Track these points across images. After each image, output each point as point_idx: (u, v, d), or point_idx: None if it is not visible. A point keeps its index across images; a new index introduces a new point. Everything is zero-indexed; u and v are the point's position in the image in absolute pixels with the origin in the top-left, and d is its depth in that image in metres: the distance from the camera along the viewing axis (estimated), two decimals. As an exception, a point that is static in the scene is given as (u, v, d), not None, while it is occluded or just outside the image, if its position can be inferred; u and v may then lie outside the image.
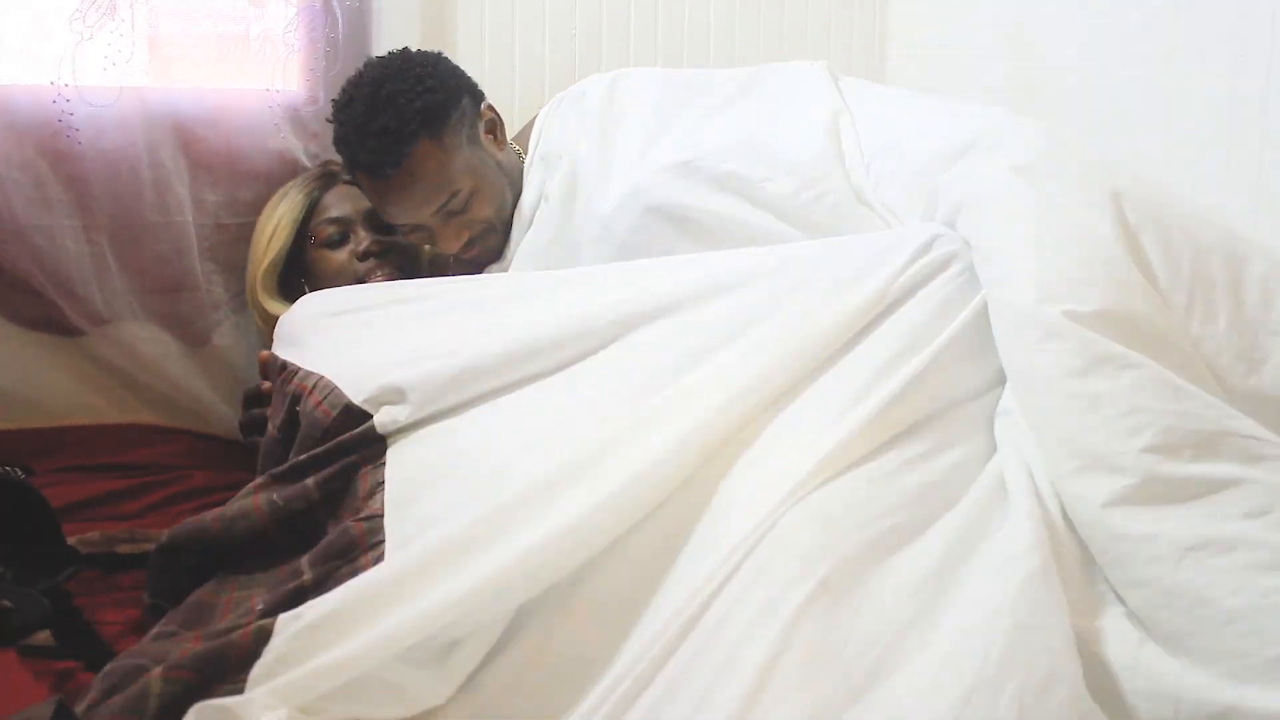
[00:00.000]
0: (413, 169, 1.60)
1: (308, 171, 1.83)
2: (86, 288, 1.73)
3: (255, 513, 1.27)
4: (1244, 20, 1.89)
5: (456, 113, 1.65)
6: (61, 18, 1.64)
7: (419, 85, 1.62)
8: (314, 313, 1.52)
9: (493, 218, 1.71)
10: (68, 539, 1.46)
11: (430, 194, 1.63)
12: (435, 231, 1.68)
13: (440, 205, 1.64)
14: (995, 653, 1.00)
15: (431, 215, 1.65)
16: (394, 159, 1.59)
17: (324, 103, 1.89)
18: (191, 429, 1.85)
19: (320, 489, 1.28)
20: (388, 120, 1.59)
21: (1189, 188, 1.98)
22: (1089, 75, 2.14)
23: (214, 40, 1.83)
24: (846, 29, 2.46)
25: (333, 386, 1.34)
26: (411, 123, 1.59)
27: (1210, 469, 1.11)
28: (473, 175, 1.67)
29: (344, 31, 1.87)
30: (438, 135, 1.62)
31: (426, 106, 1.61)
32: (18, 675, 1.18)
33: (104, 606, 1.37)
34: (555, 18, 2.13)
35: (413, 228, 1.69)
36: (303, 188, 1.77)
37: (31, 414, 1.74)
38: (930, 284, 1.30)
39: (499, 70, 2.08)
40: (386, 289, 1.56)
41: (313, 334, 1.48)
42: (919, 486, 1.16)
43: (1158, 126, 2.03)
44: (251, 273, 1.77)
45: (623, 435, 1.17)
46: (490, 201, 1.69)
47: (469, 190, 1.66)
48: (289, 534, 1.26)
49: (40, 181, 1.68)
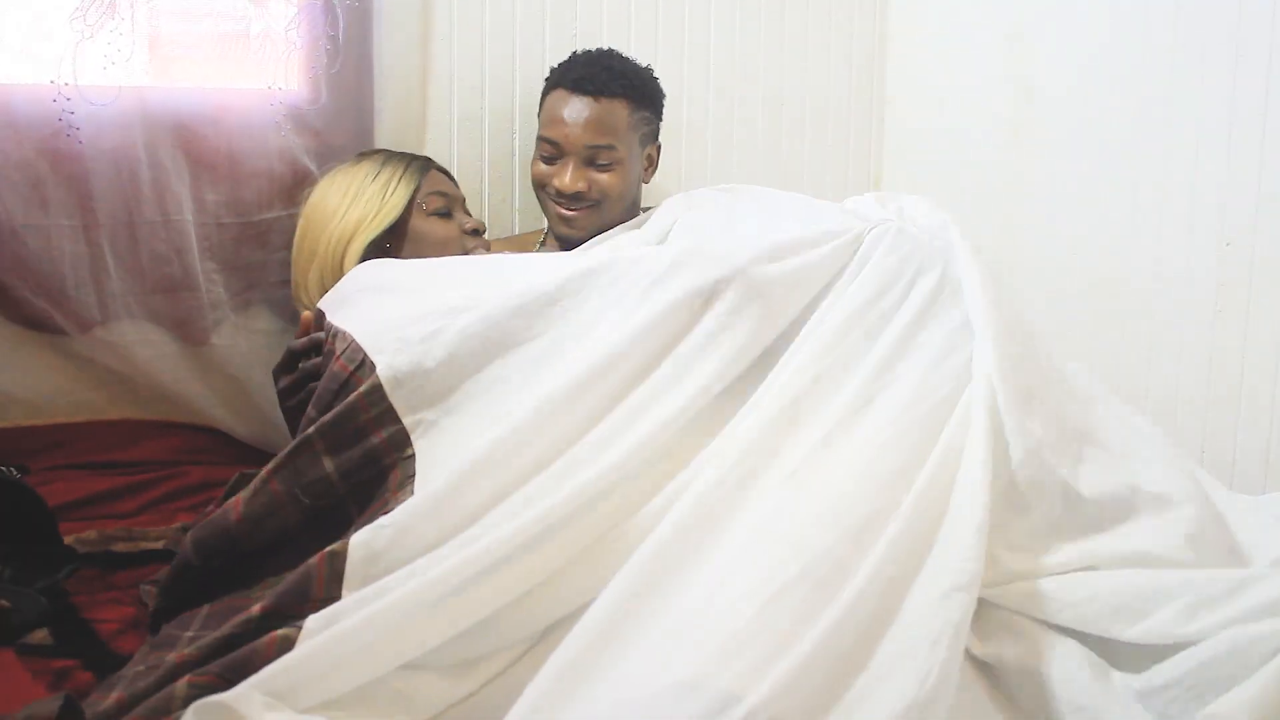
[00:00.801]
0: (605, 105, 1.89)
1: (393, 156, 1.86)
2: (85, 287, 1.73)
3: (281, 511, 1.29)
4: (1244, 20, 1.89)
5: (648, 114, 1.97)
6: (62, 17, 1.64)
7: (646, 71, 1.99)
8: (367, 282, 1.57)
9: (612, 197, 1.91)
10: (65, 538, 1.47)
11: (601, 130, 1.89)
12: (570, 163, 1.89)
13: (597, 145, 1.89)
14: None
15: (585, 145, 1.89)
16: (602, 88, 1.89)
17: (325, 100, 1.89)
18: (188, 424, 1.85)
19: (345, 481, 1.29)
20: (618, 66, 1.94)
21: (1189, 188, 1.99)
22: (1089, 75, 2.14)
23: (215, 39, 1.82)
24: (847, 29, 2.45)
25: (350, 339, 1.38)
26: (629, 83, 1.92)
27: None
28: (628, 156, 1.92)
29: (345, 30, 1.87)
30: (634, 108, 1.93)
31: (643, 85, 1.96)
32: (16, 674, 1.19)
33: (101, 605, 1.37)
34: (555, 17, 2.13)
35: (558, 146, 1.89)
36: (411, 165, 1.85)
37: (28, 412, 1.74)
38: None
39: (499, 69, 2.08)
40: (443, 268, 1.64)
41: (359, 297, 1.52)
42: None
43: (1158, 127, 2.03)
44: (340, 236, 1.77)
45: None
46: (620, 185, 1.92)
47: (619, 159, 1.91)
48: (317, 530, 1.27)
49: (39, 181, 1.68)
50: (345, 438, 1.30)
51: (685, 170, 2.30)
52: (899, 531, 1.15)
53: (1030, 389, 1.35)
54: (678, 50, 2.27)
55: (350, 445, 1.30)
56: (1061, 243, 2.20)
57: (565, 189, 1.89)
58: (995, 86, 2.30)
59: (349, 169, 1.82)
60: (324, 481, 1.29)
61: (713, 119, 2.33)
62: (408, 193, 1.80)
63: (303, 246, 1.80)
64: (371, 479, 1.30)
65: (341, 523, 1.28)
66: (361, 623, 1.08)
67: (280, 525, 1.28)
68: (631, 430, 1.26)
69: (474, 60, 2.06)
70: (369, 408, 1.31)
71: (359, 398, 1.31)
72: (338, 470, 1.29)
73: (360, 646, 1.08)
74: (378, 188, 1.80)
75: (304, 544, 1.24)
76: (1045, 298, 2.19)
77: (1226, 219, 1.95)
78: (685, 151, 2.30)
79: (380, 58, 1.92)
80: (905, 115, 2.50)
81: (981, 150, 2.34)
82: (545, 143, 1.91)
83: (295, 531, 1.28)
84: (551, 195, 1.92)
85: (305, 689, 1.05)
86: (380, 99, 1.94)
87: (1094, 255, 2.15)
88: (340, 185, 1.80)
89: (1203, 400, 1.99)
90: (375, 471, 1.30)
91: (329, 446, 1.30)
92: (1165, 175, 2.02)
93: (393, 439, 1.30)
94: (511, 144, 2.12)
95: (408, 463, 1.28)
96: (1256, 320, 1.92)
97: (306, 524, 1.29)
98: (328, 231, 1.77)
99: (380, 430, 1.30)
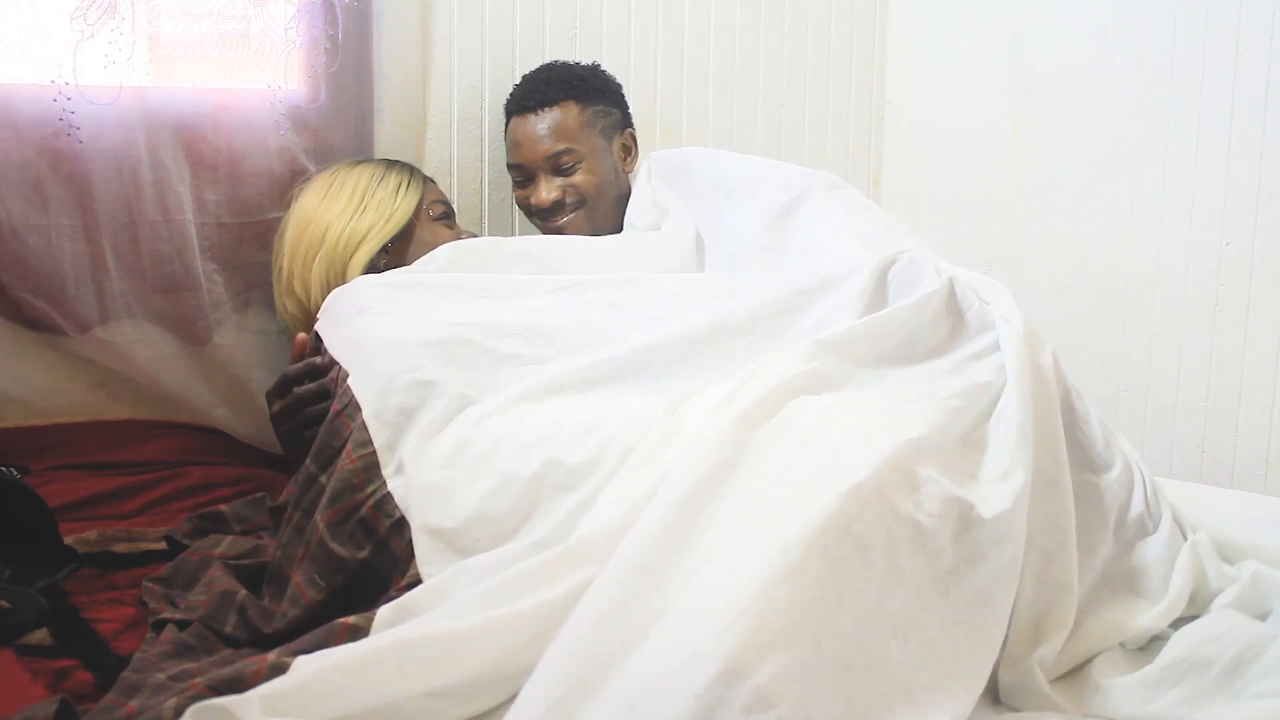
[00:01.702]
0: (550, 114, 1.93)
1: (392, 163, 1.87)
2: (85, 287, 1.73)
3: (305, 601, 1.28)
4: (1244, 20, 1.89)
5: (604, 107, 1.98)
6: (62, 16, 1.64)
7: (587, 69, 2.01)
8: (378, 289, 1.56)
9: (591, 194, 1.93)
10: (65, 538, 1.47)
11: (553, 139, 1.92)
12: (539, 179, 1.93)
13: (555, 153, 1.91)
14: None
15: (544, 158, 1.92)
16: (543, 100, 1.93)
17: (325, 100, 1.89)
18: (188, 424, 1.85)
19: (354, 556, 1.28)
20: (556, 75, 1.97)
21: (1189, 188, 1.99)
22: (1089, 75, 2.14)
23: (215, 39, 1.82)
24: (847, 29, 2.45)
25: (351, 395, 1.37)
26: (569, 85, 1.95)
27: None
28: (590, 152, 1.94)
29: (344, 29, 1.87)
30: (582, 106, 1.95)
31: (584, 79, 1.98)
32: (15, 674, 1.18)
33: (101, 605, 1.37)
34: (555, 17, 2.13)
35: (523, 169, 1.94)
36: (414, 173, 1.87)
37: (28, 413, 1.74)
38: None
39: (499, 69, 2.08)
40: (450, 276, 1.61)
41: (358, 325, 1.51)
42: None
43: (1157, 127, 2.03)
44: (350, 239, 1.76)
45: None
46: (594, 181, 1.94)
47: (580, 158, 1.93)
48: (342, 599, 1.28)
49: (40, 181, 1.68)
50: (352, 531, 1.29)
51: (685, 170, 2.30)
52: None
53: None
54: (678, 50, 2.27)
55: (360, 538, 1.29)
56: (1061, 243, 2.20)
57: (544, 203, 1.92)
58: (995, 86, 2.30)
59: (346, 172, 1.81)
60: (342, 571, 1.28)
61: (713, 119, 2.33)
62: (416, 198, 1.82)
63: (296, 253, 1.77)
64: (387, 561, 1.29)
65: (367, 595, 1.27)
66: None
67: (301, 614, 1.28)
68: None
69: (474, 60, 2.06)
70: (369, 496, 1.30)
71: (360, 490, 1.30)
72: (353, 556, 1.29)
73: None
74: (387, 192, 1.81)
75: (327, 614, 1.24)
76: (1045, 298, 2.19)
77: (1226, 219, 1.95)
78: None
79: (380, 58, 1.92)
80: (905, 115, 2.50)
81: (981, 150, 2.34)
82: (513, 169, 1.97)
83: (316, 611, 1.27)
84: (536, 215, 1.96)
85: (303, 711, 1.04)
86: (380, 99, 1.94)
87: (1094, 255, 2.15)
88: (346, 189, 1.79)
89: (1203, 400, 1.99)
90: (388, 555, 1.28)
91: (336, 538, 1.29)
92: (1165, 175, 2.02)
93: (396, 526, 1.28)
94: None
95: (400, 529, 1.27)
96: (1256, 320, 1.92)
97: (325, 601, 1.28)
98: (333, 234, 1.75)
99: (383, 521, 1.29)
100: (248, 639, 1.26)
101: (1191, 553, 1.26)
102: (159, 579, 1.41)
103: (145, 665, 1.17)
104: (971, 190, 2.36)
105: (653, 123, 2.15)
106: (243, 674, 1.06)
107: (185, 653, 1.21)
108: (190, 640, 1.24)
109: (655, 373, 1.37)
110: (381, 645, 1.07)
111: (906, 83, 2.49)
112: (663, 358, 1.38)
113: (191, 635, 1.25)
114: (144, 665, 1.17)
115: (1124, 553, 1.26)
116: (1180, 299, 2.01)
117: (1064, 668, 1.16)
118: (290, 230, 1.79)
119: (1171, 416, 2.02)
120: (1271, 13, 1.85)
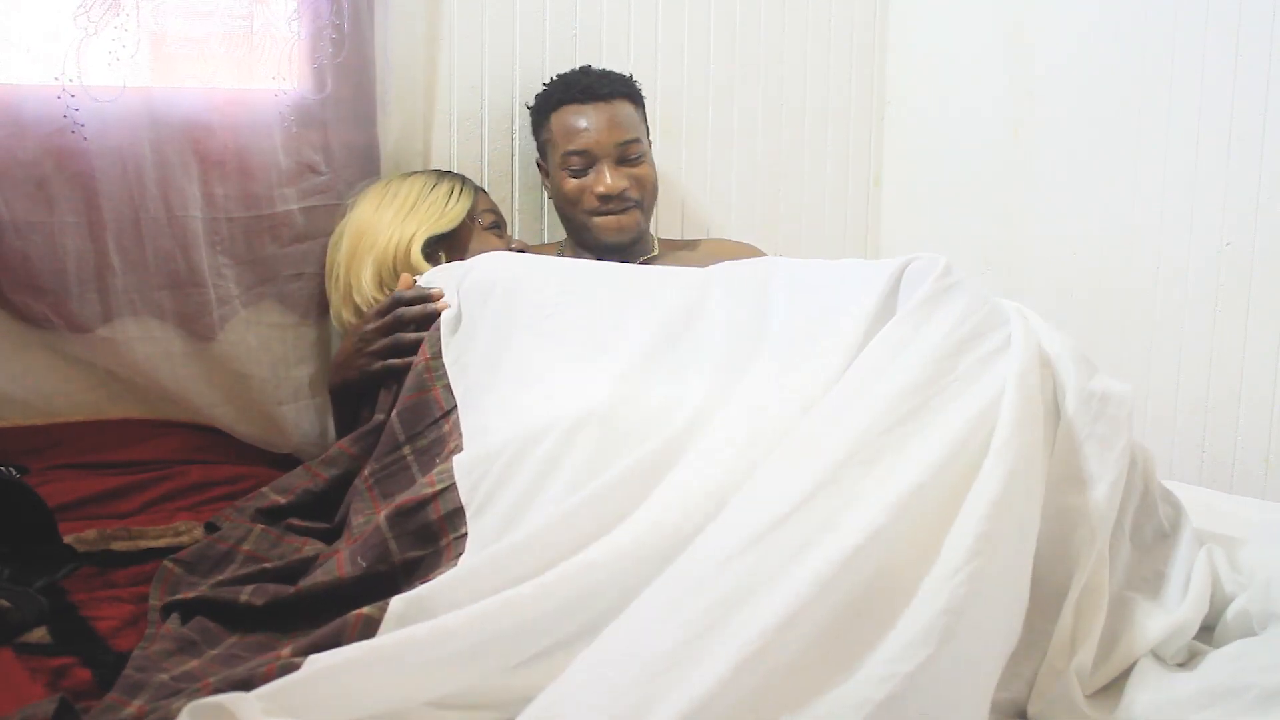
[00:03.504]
0: (615, 105, 1.97)
1: (447, 175, 1.91)
2: (88, 285, 1.72)
3: (339, 572, 1.29)
4: (1244, 20, 1.89)
5: (644, 113, 2.05)
6: (66, 14, 1.64)
7: (631, 78, 2.06)
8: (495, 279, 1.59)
9: (649, 190, 1.99)
10: (64, 538, 1.47)
11: (623, 126, 1.96)
12: (605, 166, 1.93)
13: (626, 140, 1.95)
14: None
15: (615, 144, 1.94)
16: (608, 92, 1.97)
17: (330, 91, 1.89)
18: (188, 423, 1.85)
19: (401, 553, 1.29)
20: (605, 74, 2.02)
21: (1189, 188, 1.99)
22: (1089, 75, 2.14)
23: (219, 34, 1.81)
24: (847, 29, 2.45)
25: (459, 427, 1.43)
26: (625, 85, 2.02)
27: None
28: (649, 149, 2.01)
29: (349, 19, 1.87)
30: (635, 106, 2.02)
31: (633, 86, 2.04)
32: (14, 672, 1.18)
33: (100, 603, 1.37)
34: (555, 17, 2.13)
35: (587, 154, 1.93)
36: (466, 182, 1.92)
37: (27, 412, 1.74)
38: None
39: (499, 69, 2.08)
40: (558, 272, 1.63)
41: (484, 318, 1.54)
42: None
43: (1158, 126, 2.03)
44: (398, 245, 1.79)
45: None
46: (653, 176, 1.99)
47: (644, 151, 1.98)
48: (362, 589, 1.28)
49: (45, 179, 1.67)
50: (415, 532, 1.31)
51: (685, 170, 2.31)
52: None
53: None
54: (678, 50, 2.27)
55: (418, 543, 1.30)
56: (1061, 243, 2.20)
57: (612, 189, 1.92)
58: (995, 86, 2.30)
59: (399, 182, 1.87)
60: (384, 559, 1.29)
61: (713, 119, 2.33)
62: (468, 205, 1.87)
63: (352, 264, 1.82)
64: (432, 560, 1.29)
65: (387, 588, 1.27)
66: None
67: (331, 586, 1.29)
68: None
69: (474, 59, 2.06)
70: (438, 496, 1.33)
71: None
72: (402, 556, 1.30)
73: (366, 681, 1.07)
74: (439, 197, 1.86)
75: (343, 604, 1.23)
76: (1045, 298, 2.19)
77: (1226, 219, 1.95)
78: (685, 151, 2.30)
79: (384, 52, 1.92)
80: (905, 115, 2.50)
81: (981, 150, 2.34)
82: (573, 156, 1.94)
83: (345, 587, 1.28)
84: (592, 206, 1.94)
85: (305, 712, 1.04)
86: (384, 93, 1.94)
87: (1094, 255, 2.15)
88: (398, 198, 1.85)
89: (1203, 400, 1.99)
90: (431, 551, 1.30)
91: (399, 538, 1.30)
92: (1165, 175, 2.02)
93: (449, 517, 1.30)
94: (511, 144, 2.13)
95: (460, 542, 1.29)
96: (1256, 320, 1.92)
97: (355, 582, 1.29)
98: (384, 238, 1.80)
99: (448, 534, 1.30)
100: (264, 605, 1.27)
101: (1207, 556, 1.26)
102: (181, 561, 1.41)
103: (147, 663, 1.17)
104: (971, 189, 2.37)
105: (653, 123, 2.15)
106: (254, 674, 1.06)
107: (187, 648, 1.21)
108: (192, 635, 1.23)
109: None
110: (388, 646, 1.07)
111: (906, 82, 2.49)
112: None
113: (193, 629, 1.25)
114: (146, 664, 1.17)
115: (1143, 558, 1.27)
116: (1180, 299, 2.01)
117: (1100, 682, 1.17)
118: (346, 240, 1.84)
119: (1171, 416, 2.02)
120: (1271, 13, 1.85)
